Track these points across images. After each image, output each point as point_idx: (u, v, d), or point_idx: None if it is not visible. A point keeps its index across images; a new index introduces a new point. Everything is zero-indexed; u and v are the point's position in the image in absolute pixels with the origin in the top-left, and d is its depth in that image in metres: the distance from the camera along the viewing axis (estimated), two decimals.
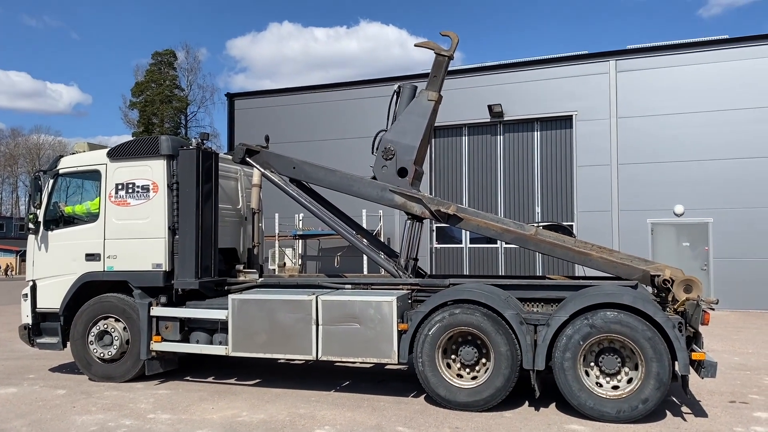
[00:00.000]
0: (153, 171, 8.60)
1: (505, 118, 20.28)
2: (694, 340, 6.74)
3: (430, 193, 20.01)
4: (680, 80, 18.42)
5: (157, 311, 8.44)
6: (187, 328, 8.46)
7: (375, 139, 8.75)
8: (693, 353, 6.52)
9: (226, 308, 7.92)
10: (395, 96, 8.87)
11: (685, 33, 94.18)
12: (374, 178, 8.57)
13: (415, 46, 8.88)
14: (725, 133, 17.78)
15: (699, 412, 7.03)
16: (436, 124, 9.12)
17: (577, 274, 12.23)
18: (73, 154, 9.45)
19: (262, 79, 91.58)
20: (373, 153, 8.70)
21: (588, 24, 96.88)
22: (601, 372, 6.74)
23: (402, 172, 8.45)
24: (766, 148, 17.41)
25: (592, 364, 6.78)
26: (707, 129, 17.98)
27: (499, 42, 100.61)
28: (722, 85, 17.97)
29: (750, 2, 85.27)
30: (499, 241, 18.88)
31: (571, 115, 19.53)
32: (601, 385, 6.71)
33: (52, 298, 8.96)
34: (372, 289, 8.04)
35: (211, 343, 8.28)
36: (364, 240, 9.15)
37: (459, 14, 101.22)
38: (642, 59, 18.99)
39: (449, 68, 8.83)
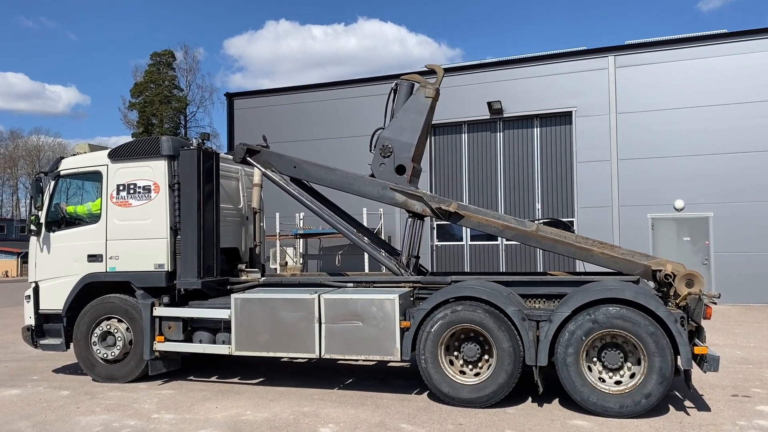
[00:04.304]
0: (154, 171, 8.61)
1: (505, 115, 20.29)
2: (696, 334, 6.76)
3: (431, 191, 20.04)
4: (680, 75, 18.43)
5: (159, 311, 8.46)
6: (190, 328, 8.48)
7: (373, 136, 8.76)
8: (695, 347, 6.54)
9: (229, 308, 7.94)
10: (392, 93, 8.87)
11: (684, 27, 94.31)
12: (372, 176, 8.58)
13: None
14: (725, 127, 17.79)
15: (702, 406, 7.05)
16: (435, 122, 9.14)
17: (578, 270, 12.24)
18: (74, 155, 9.45)
19: (260, 78, 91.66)
20: (371, 151, 8.71)
21: (586, 19, 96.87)
22: (604, 367, 6.76)
23: (400, 170, 8.46)
24: (766, 143, 17.41)
25: (595, 359, 6.79)
26: (707, 123, 17.98)
27: (497, 38, 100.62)
28: (722, 79, 17.97)
29: None
30: (499, 238, 18.89)
31: (571, 111, 19.54)
32: (603, 381, 6.73)
33: (54, 300, 8.97)
34: (374, 287, 8.06)
35: (214, 342, 8.30)
36: (365, 238, 9.15)
37: (457, 11, 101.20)
38: (641, 54, 18.99)
39: (448, 66, 8.83)
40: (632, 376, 6.66)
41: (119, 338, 8.66)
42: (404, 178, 8.43)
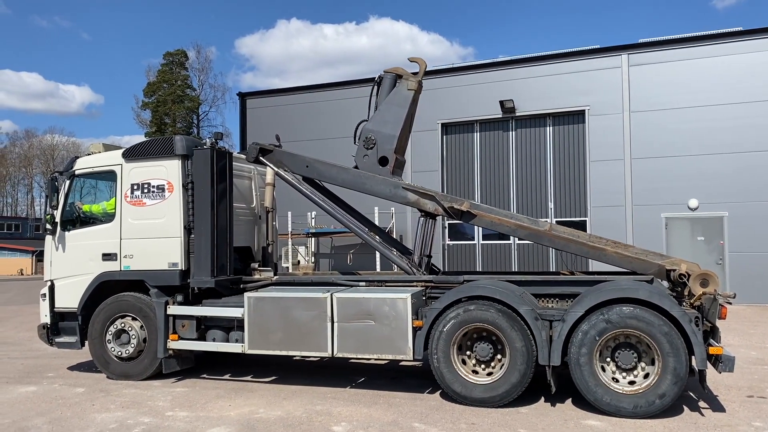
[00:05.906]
0: (168, 171, 8.66)
1: (517, 114, 20.22)
2: (711, 334, 6.70)
3: (443, 190, 20.04)
4: (694, 73, 18.28)
5: (173, 310, 8.52)
6: (204, 327, 8.53)
7: (356, 129, 8.82)
8: (710, 348, 6.48)
9: (242, 306, 7.98)
10: (376, 86, 8.92)
11: (698, 25, 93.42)
12: (356, 167, 8.62)
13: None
14: (739, 126, 17.62)
15: (717, 407, 6.99)
16: (447, 120, 9.17)
17: (591, 270, 12.18)
18: (89, 155, 9.54)
19: (271, 77, 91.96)
20: (354, 143, 8.77)
21: (600, 18, 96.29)
22: (618, 367, 6.72)
23: (383, 161, 8.51)
24: None
25: (608, 359, 6.76)
26: (721, 122, 17.82)
27: (509, 36, 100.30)
28: (736, 77, 17.80)
29: None
30: (511, 237, 18.81)
31: (584, 110, 19.44)
32: (617, 381, 6.69)
33: (69, 298, 9.06)
34: (386, 286, 8.06)
35: (227, 341, 8.35)
36: (377, 237, 9.15)
37: (469, 9, 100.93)
38: (654, 53, 18.85)
39: (461, 65, 8.83)
40: (646, 376, 6.62)
41: (133, 336, 8.73)
42: (387, 169, 8.48)
